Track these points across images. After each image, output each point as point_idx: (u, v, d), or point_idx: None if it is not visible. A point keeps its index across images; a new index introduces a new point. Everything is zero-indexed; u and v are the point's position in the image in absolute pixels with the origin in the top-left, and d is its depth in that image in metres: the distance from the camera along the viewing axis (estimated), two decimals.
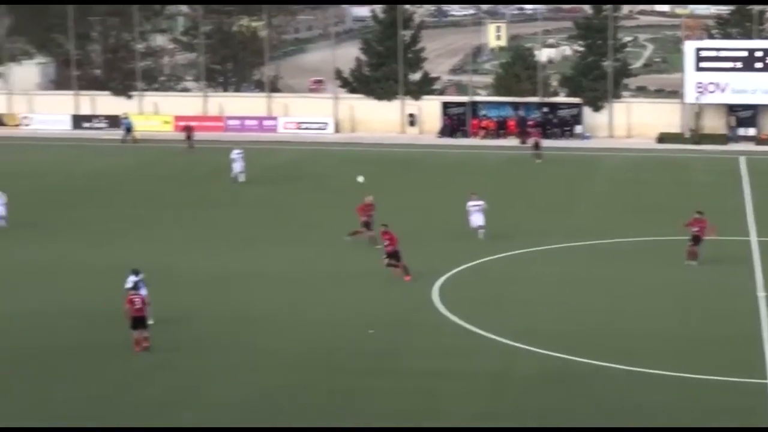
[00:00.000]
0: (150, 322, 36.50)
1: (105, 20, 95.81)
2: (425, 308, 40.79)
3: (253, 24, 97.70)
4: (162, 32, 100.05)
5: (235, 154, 66.69)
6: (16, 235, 52.33)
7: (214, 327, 38.63)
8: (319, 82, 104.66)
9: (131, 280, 38.02)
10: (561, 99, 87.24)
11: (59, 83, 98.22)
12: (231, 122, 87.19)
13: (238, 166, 66.24)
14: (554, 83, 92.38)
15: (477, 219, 50.26)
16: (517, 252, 48.90)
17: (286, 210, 59.33)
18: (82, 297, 41.81)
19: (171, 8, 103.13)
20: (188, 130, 79.48)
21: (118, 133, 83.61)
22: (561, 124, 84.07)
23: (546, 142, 76.35)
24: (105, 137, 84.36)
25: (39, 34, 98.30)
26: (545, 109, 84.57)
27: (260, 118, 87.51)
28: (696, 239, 46.26)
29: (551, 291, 43.14)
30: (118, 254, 47.88)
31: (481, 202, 50.43)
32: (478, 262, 47.08)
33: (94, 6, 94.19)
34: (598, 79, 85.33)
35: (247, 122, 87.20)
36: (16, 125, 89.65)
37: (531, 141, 76.29)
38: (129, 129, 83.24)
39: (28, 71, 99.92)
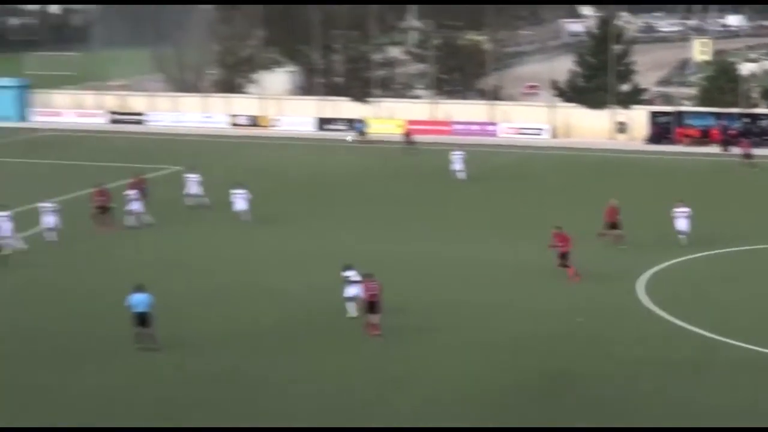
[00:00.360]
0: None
1: (346, 34, 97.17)
2: (630, 301, 40.35)
3: (478, 38, 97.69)
4: (396, 45, 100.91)
5: (456, 155, 67.07)
6: (261, 227, 53.22)
7: (435, 313, 38.92)
8: (534, 86, 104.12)
9: (346, 275, 37.88)
10: (761, 110, 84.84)
11: (305, 89, 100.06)
12: (456, 126, 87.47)
13: (457, 166, 66.59)
14: (755, 95, 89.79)
15: (681, 224, 49.06)
16: (717, 252, 47.88)
17: (501, 207, 59.34)
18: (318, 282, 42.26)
19: (405, 23, 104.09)
20: (407, 135, 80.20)
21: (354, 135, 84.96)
22: (761, 133, 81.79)
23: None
24: (344, 138, 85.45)
25: (288, 45, 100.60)
26: (746, 119, 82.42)
27: (482, 124, 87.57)
28: None
29: (749, 288, 42.16)
30: (347, 244, 48.78)
31: (687, 209, 49.19)
32: (680, 260, 46.30)
33: (337, 20, 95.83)
34: None
35: (471, 127, 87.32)
36: (267, 126, 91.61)
37: (739, 150, 74.38)
38: (362, 131, 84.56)
39: (279, 78, 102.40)
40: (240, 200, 53.94)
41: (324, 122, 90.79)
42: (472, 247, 49.09)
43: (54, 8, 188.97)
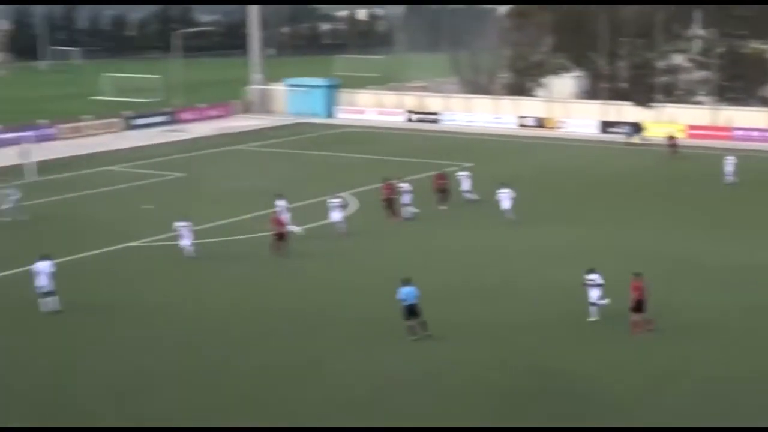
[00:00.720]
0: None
1: (632, 41, 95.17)
2: None
3: (762, 47, 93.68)
4: (681, 52, 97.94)
5: (728, 159, 64.96)
6: (525, 225, 52.37)
7: (697, 313, 37.82)
8: None
9: (589, 278, 36.72)
10: None
11: (590, 93, 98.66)
12: (737, 133, 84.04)
13: (728, 169, 64.34)
14: None
15: None
16: None
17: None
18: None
19: (690, 31, 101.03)
20: (672, 139, 77.37)
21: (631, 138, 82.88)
22: None
23: None
24: (622, 141, 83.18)
25: (576, 52, 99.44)
26: None
27: (764, 130, 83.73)
28: None
29: None
30: (607, 244, 48.15)
31: None
32: None
33: (624, 29, 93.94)
34: None
35: (752, 133, 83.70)
36: (553, 128, 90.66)
37: None
38: (630, 136, 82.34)
39: (565, 82, 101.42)
40: (505, 199, 53.74)
41: (607, 125, 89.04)
42: (732, 250, 46.98)
43: (361, 15, 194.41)
